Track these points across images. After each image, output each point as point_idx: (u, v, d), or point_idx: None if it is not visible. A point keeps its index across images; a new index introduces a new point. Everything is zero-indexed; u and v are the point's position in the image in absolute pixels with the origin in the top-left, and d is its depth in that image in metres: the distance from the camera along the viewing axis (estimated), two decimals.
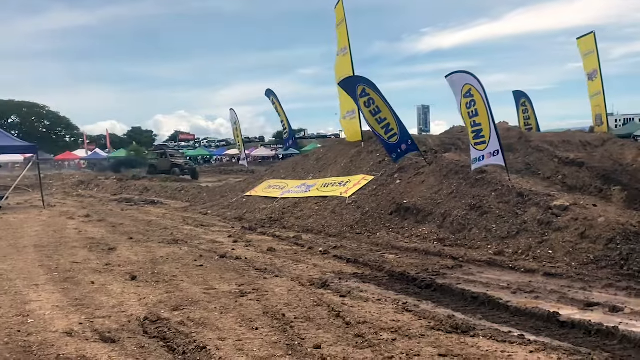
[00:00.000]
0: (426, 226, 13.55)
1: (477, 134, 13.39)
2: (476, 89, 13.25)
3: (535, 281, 9.46)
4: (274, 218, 16.96)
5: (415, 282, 9.35)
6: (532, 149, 18.42)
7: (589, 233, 10.66)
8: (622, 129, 55.10)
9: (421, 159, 15.95)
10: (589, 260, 10.15)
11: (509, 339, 6.33)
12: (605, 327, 6.63)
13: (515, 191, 12.74)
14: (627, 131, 53.75)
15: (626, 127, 55.04)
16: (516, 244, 11.46)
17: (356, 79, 16.37)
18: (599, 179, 16.65)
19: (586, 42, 22.10)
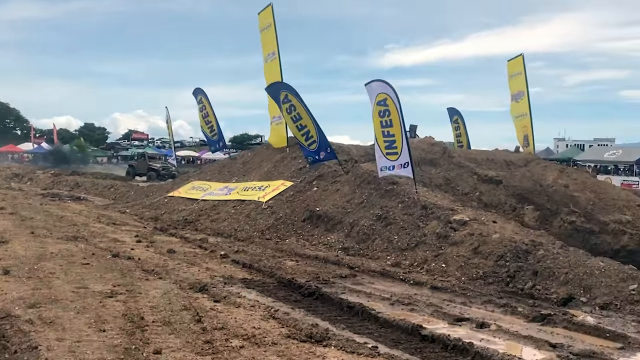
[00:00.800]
0: (335, 234, 13.48)
1: (390, 144, 13.41)
2: (392, 100, 13.28)
3: (420, 294, 9.46)
4: (189, 220, 16.67)
5: (300, 290, 9.23)
6: (453, 165, 18.61)
7: (482, 249, 10.74)
8: (564, 152, 56.54)
9: (343, 167, 15.89)
10: (478, 275, 10.23)
11: (359, 350, 6.24)
12: (461, 342, 6.61)
13: (420, 204, 12.79)
14: (568, 155, 55.19)
15: (567, 152, 56.52)
16: (414, 256, 11.48)
17: (280, 85, 16.27)
18: (514, 198, 16.94)
19: (515, 64, 22.50)
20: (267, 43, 20.06)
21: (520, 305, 8.71)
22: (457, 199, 16.94)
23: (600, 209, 18.26)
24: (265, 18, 20.16)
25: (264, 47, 20.19)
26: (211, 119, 23.16)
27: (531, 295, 9.24)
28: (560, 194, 18.71)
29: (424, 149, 19.58)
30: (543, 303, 8.91)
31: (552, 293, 9.16)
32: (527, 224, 16.11)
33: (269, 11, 19.86)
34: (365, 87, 13.79)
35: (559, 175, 20.02)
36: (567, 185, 19.37)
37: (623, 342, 7.13)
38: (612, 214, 17.93)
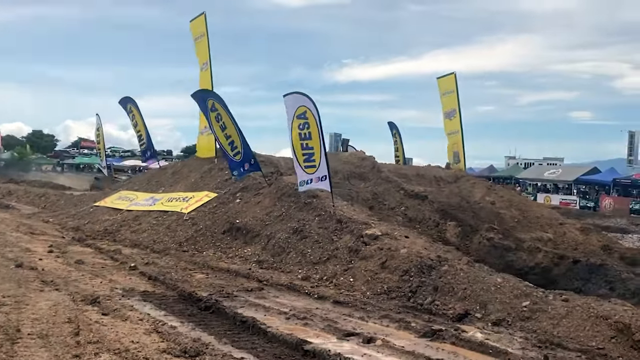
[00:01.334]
0: (252, 247, 13.38)
1: (308, 157, 13.40)
2: (311, 112, 13.29)
3: (322, 308, 9.42)
4: (110, 230, 16.30)
5: (198, 304, 9.09)
6: (381, 180, 18.76)
7: (389, 263, 10.79)
8: (506, 170, 57.74)
9: (266, 179, 15.80)
10: (383, 290, 10.26)
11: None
12: (339, 358, 6.58)
13: (336, 218, 12.80)
14: (511, 173, 56.39)
15: (510, 169, 57.74)
16: (324, 269, 11.46)
17: (207, 93, 16.10)
18: (438, 214, 17.13)
19: (447, 82, 22.91)
20: (200, 52, 19.90)
21: (415, 320, 8.76)
22: (381, 214, 17.13)
23: (524, 226, 18.71)
24: (197, 27, 20.00)
25: (198, 57, 20.01)
26: (140, 128, 22.78)
27: (429, 311, 9.30)
28: (486, 211, 19.07)
29: (353, 163, 19.73)
30: (439, 318, 8.98)
31: (450, 308, 9.23)
32: (449, 239, 16.37)
33: (201, 20, 19.70)
34: (284, 99, 13.77)
35: (487, 192, 20.41)
36: (494, 202, 19.78)
37: (503, 358, 7.22)
38: (534, 232, 18.39)
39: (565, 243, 17.61)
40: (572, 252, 16.60)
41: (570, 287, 13.15)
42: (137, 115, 22.81)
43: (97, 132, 26.05)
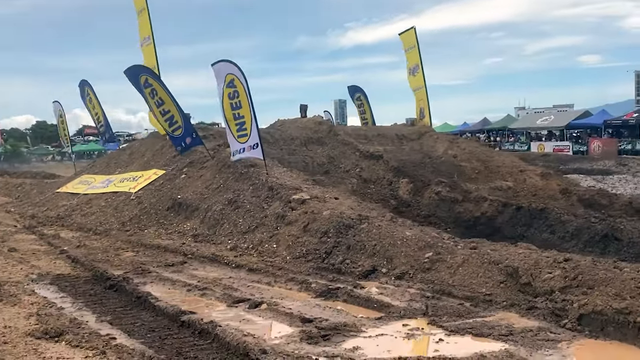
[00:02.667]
0: (191, 222, 13.33)
1: (240, 126, 13.26)
2: (239, 80, 13.11)
3: (234, 277, 9.40)
4: (62, 215, 16.32)
5: (106, 283, 9.06)
6: (338, 143, 18.58)
7: (311, 226, 10.70)
8: (497, 122, 57.05)
9: (209, 151, 15.65)
10: (301, 253, 10.19)
11: (90, 344, 6.09)
12: (207, 326, 6.52)
13: (267, 185, 12.69)
14: (502, 124, 55.73)
15: (502, 120, 57.00)
16: (252, 238, 11.40)
17: (139, 68, 15.85)
18: (392, 172, 16.96)
19: (408, 37, 22.43)
20: (142, 27, 19.59)
21: (319, 281, 8.71)
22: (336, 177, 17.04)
23: (485, 177, 18.50)
24: (138, 1, 19.66)
25: (140, 31, 19.70)
26: (97, 110, 22.65)
27: (339, 270, 9.23)
28: (447, 165, 18.89)
29: (311, 128, 19.54)
30: (346, 277, 8.92)
31: (359, 266, 9.16)
32: (402, 196, 16.24)
33: None
34: (212, 69, 13.56)
35: (449, 146, 20.17)
36: (456, 156, 19.56)
37: (385, 312, 7.15)
38: (495, 181, 18.18)
39: (525, 190, 17.36)
40: (531, 198, 16.39)
41: (514, 233, 13.02)
42: (93, 98, 22.65)
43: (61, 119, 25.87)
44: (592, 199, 15.96)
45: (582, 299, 6.36)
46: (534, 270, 7.24)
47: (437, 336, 6.24)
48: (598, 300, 6.19)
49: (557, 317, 6.46)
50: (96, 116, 22.76)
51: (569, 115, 51.18)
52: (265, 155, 16.78)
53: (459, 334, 6.28)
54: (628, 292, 6.20)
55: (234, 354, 5.87)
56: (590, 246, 11.49)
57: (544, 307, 6.67)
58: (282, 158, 17.11)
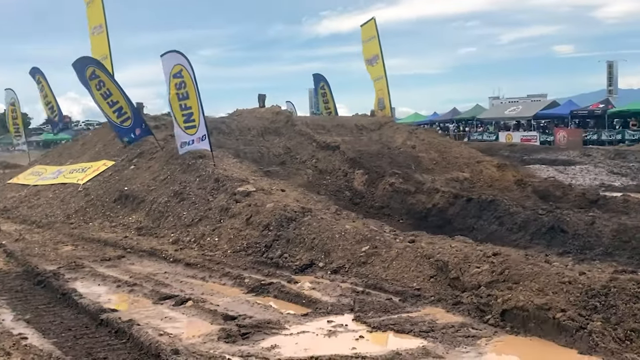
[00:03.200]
0: (137, 214, 13.06)
1: (187, 117, 13.00)
2: (187, 71, 12.83)
3: (170, 272, 9.19)
4: (8, 207, 15.92)
5: (35, 279, 8.77)
6: (295, 133, 18.37)
7: (254, 219, 10.50)
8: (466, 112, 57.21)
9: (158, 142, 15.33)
10: (242, 247, 10.01)
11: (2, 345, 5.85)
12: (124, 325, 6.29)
13: (214, 177, 12.45)
14: (471, 114, 55.92)
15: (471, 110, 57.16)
16: (195, 231, 11.18)
17: (85, 60, 15.44)
18: (347, 163, 16.81)
19: (368, 29, 22.28)
20: (93, 16, 19.11)
21: (253, 276, 8.53)
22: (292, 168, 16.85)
23: (442, 168, 18.45)
24: None
25: (89, 20, 19.21)
26: (50, 99, 22.12)
27: (277, 264, 9.07)
28: (404, 156, 18.78)
29: (268, 118, 19.30)
30: (282, 271, 8.76)
31: (297, 260, 9.01)
32: (356, 188, 16.12)
33: None
34: (161, 59, 13.23)
35: (408, 137, 20.06)
36: (414, 147, 19.46)
37: (313, 308, 7.00)
38: (451, 172, 18.14)
39: (482, 181, 17.36)
40: (487, 189, 16.40)
41: (464, 225, 12.97)
42: (45, 86, 22.09)
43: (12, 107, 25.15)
44: (546, 190, 16.01)
45: (506, 294, 6.26)
46: (463, 264, 7.15)
47: (358, 333, 6.11)
48: (521, 296, 6.11)
49: (481, 312, 6.37)
50: (49, 105, 22.22)
51: (536, 106, 51.51)
52: (220, 146, 16.55)
53: (381, 330, 6.16)
54: (551, 288, 6.12)
55: (146, 354, 5.68)
56: (537, 238, 11.46)
57: (469, 302, 6.58)
58: (238, 148, 16.86)
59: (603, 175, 24.35)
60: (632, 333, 5.37)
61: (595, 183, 21.57)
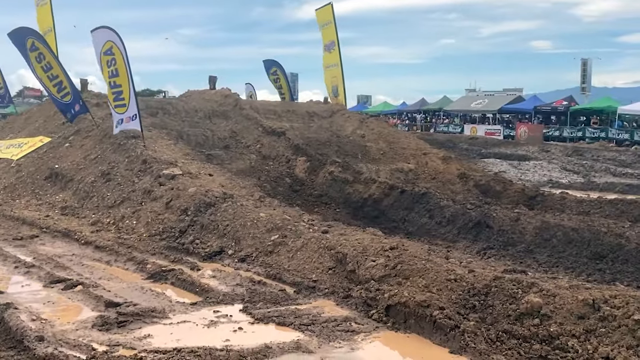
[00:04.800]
0: (64, 193, 12.74)
1: (117, 95, 12.69)
2: (117, 48, 12.49)
3: (77, 254, 8.98)
4: None
5: None
6: (242, 117, 18.12)
7: (174, 203, 10.30)
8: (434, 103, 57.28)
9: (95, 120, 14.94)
10: (158, 231, 9.80)
11: None
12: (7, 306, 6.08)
13: (142, 159, 12.17)
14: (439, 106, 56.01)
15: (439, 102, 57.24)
16: (116, 213, 10.93)
17: (26, 30, 14.92)
18: (291, 149, 16.63)
19: (324, 13, 21.97)
20: None
21: (158, 261, 8.34)
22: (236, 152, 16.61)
23: (389, 158, 18.38)
24: None
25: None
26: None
27: (187, 250, 8.91)
28: (352, 145, 18.68)
29: (216, 101, 19.01)
30: (190, 257, 8.60)
31: (208, 247, 8.86)
32: (297, 175, 15.97)
33: None
34: (91, 35, 12.86)
35: (359, 125, 19.94)
36: (364, 136, 19.35)
37: (204, 297, 6.86)
38: (397, 163, 18.09)
39: (426, 173, 17.32)
40: (430, 181, 16.41)
41: (397, 216, 12.93)
42: None
43: None
44: (487, 185, 16.02)
45: (394, 289, 6.18)
46: (361, 257, 7.04)
47: (239, 324, 5.98)
48: (406, 292, 6.02)
49: (368, 307, 6.28)
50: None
51: (501, 100, 51.73)
52: (164, 127, 16.25)
53: (263, 322, 6.04)
54: (436, 285, 6.05)
55: (12, 339, 5.48)
56: (464, 232, 11.46)
57: (358, 296, 6.49)
58: (182, 130, 16.56)
59: (554, 172, 24.54)
60: (504, 334, 5.32)
61: (544, 179, 21.71)
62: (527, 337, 5.22)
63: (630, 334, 4.96)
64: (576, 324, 5.21)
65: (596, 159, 27.92)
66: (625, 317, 5.10)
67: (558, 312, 5.33)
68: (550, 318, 5.29)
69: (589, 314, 5.24)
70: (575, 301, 5.36)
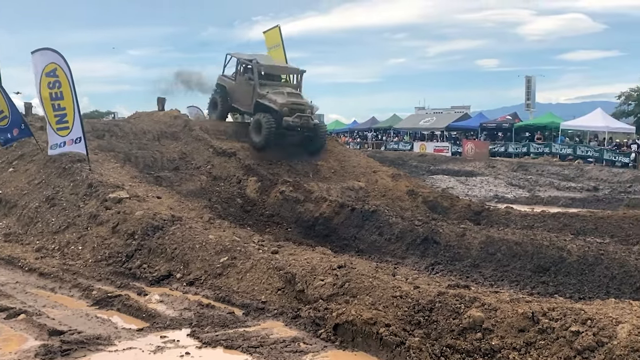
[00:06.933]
0: (8, 219, 12.41)
1: (60, 118, 12.48)
2: (62, 70, 12.31)
3: (21, 282, 8.74)
4: None
5: None
6: (192, 138, 18.01)
7: (120, 227, 10.15)
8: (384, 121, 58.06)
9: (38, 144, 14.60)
10: (104, 256, 9.64)
11: None
12: None
13: (88, 182, 11.97)
14: (388, 124, 56.81)
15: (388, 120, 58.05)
16: (61, 239, 10.70)
17: None
18: (242, 170, 16.62)
19: (272, 36, 22.15)
20: None
21: (104, 287, 8.21)
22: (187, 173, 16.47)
23: (340, 176, 18.55)
24: None
25: None
26: None
27: (134, 275, 8.80)
28: (304, 164, 18.76)
29: (165, 122, 18.83)
30: (139, 282, 8.49)
31: (155, 271, 8.77)
32: (249, 195, 15.95)
33: None
34: (31, 56, 12.66)
35: None
36: None
37: (151, 323, 6.78)
38: (348, 181, 18.27)
39: (376, 190, 17.55)
40: (380, 199, 16.61)
41: (348, 234, 13.04)
42: None
43: None
44: (435, 201, 16.33)
45: (342, 308, 6.25)
46: (310, 277, 7.10)
47: (186, 349, 5.94)
48: (353, 310, 6.10)
49: (316, 326, 6.33)
50: None
51: (449, 117, 52.83)
52: (112, 149, 16.01)
53: (211, 346, 6.02)
54: (382, 302, 6.15)
55: None
56: (412, 248, 11.65)
57: (306, 316, 6.53)
58: (129, 152, 16.34)
59: (500, 187, 25.23)
60: (448, 349, 5.44)
61: (490, 194, 22.30)
62: (470, 351, 5.35)
63: (568, 346, 5.13)
64: (517, 337, 5.37)
65: (540, 174, 28.81)
66: (563, 329, 5.28)
67: (499, 326, 5.48)
68: (491, 332, 5.44)
69: (529, 327, 5.41)
70: (515, 315, 5.53)
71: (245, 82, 19.01)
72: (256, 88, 18.43)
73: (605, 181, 25.87)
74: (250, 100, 18.82)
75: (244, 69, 19.25)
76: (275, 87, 18.85)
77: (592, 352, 4.94)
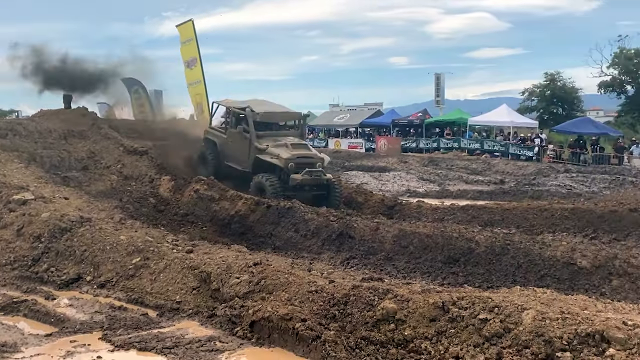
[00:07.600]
0: None
1: None
2: None
3: None
4: None
5: None
6: (101, 137, 17.44)
7: (26, 230, 9.71)
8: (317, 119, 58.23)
9: None
10: (9, 261, 9.17)
11: None
12: None
13: None
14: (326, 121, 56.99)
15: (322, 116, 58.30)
16: None
17: None
18: (155, 169, 16.27)
19: (186, 30, 21.83)
20: None
21: (10, 292, 7.85)
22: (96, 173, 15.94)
23: None
24: None
25: None
26: None
27: (41, 279, 8.45)
28: None
29: (72, 120, 18.16)
30: (46, 286, 8.16)
31: (64, 274, 8.45)
32: (162, 194, 15.63)
33: None
34: None
35: None
36: None
37: (60, 327, 6.55)
38: None
39: None
40: None
41: (264, 231, 13.01)
42: None
43: None
44: (350, 197, 16.58)
45: (258, 305, 6.26)
46: (225, 275, 7.07)
47: (98, 353, 5.79)
48: (269, 307, 6.13)
49: (232, 324, 6.32)
50: None
51: (362, 114, 53.78)
52: (15, 149, 15.27)
53: (124, 349, 5.89)
54: (299, 297, 6.21)
55: None
56: (328, 244, 11.78)
57: (222, 314, 6.51)
58: (35, 152, 15.62)
59: (412, 182, 25.88)
60: (362, 341, 5.57)
61: (402, 189, 22.85)
62: (384, 342, 5.50)
63: (477, 333, 5.36)
64: (428, 326, 5.56)
65: (450, 168, 29.81)
66: (472, 317, 5.51)
67: (411, 316, 5.66)
68: (404, 322, 5.62)
69: (440, 316, 5.61)
70: (426, 305, 5.72)
71: (239, 135, 16.11)
72: (253, 142, 15.56)
73: (511, 174, 27.12)
74: (247, 157, 15.93)
75: (236, 119, 16.47)
76: (275, 137, 15.89)
77: (500, 338, 5.19)
